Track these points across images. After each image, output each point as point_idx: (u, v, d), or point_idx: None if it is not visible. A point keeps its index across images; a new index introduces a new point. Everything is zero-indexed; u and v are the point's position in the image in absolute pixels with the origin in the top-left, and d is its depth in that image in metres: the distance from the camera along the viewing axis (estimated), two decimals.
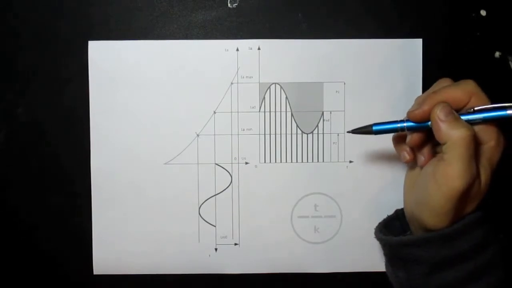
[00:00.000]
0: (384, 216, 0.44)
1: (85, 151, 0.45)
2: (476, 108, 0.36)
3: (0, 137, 0.45)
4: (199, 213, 0.45)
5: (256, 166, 0.45)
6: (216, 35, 0.45)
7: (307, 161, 0.45)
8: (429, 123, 0.36)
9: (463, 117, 0.36)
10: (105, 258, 0.45)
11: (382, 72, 0.45)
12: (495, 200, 0.38)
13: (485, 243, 0.36)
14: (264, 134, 0.45)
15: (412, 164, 0.40)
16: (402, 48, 0.45)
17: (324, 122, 0.45)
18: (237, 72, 0.45)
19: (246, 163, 0.45)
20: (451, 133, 0.35)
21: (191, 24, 0.45)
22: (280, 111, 0.45)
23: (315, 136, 0.45)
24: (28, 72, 0.44)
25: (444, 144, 0.35)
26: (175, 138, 0.45)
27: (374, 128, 0.39)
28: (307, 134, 0.45)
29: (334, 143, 0.45)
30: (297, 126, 0.45)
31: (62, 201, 0.45)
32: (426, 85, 0.45)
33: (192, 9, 0.45)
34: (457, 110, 0.36)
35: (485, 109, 0.35)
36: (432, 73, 0.45)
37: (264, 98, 0.45)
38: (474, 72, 0.45)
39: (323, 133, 0.45)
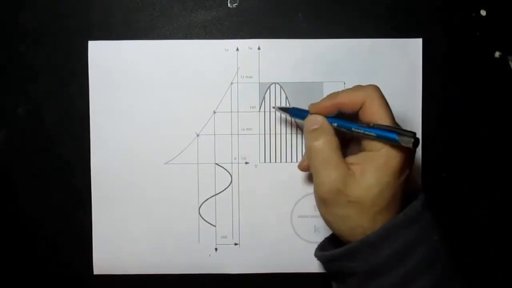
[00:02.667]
0: None
1: (85, 151, 0.45)
2: (372, 124, 0.36)
3: (0, 137, 0.45)
4: (199, 213, 0.45)
5: (256, 166, 0.45)
6: (216, 35, 0.45)
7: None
8: None
9: (361, 129, 0.37)
10: (105, 258, 0.45)
11: (382, 72, 0.45)
12: (430, 201, 0.37)
13: (411, 246, 0.35)
14: (264, 134, 0.45)
15: None
16: (402, 48, 0.45)
17: None
18: (237, 72, 0.45)
19: (246, 163, 0.45)
20: (306, 144, 0.39)
21: (191, 24, 0.45)
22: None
23: None
24: (28, 72, 0.45)
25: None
26: (175, 138, 0.45)
27: (292, 112, 0.42)
28: None
29: None
30: (297, 125, 0.45)
31: (62, 201, 0.45)
32: (426, 85, 0.45)
33: (192, 9, 0.45)
34: (354, 113, 0.38)
35: (380, 127, 0.36)
36: (432, 73, 0.45)
37: (264, 98, 0.45)
38: (474, 72, 0.45)
39: None
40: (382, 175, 0.36)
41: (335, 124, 0.38)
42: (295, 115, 0.42)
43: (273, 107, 0.44)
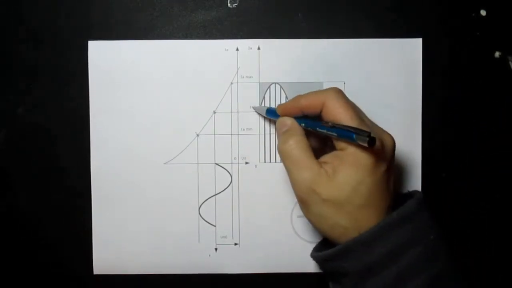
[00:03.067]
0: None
1: (85, 151, 0.45)
2: (332, 124, 0.37)
3: (0, 137, 0.45)
4: (199, 213, 0.45)
5: (256, 166, 0.45)
6: (216, 35, 0.45)
7: None
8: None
9: (323, 129, 0.37)
10: (105, 258, 0.45)
11: (382, 72, 0.45)
12: (430, 201, 0.37)
13: (405, 246, 0.35)
14: (264, 134, 0.45)
15: None
16: (402, 48, 0.45)
17: None
18: (237, 72, 0.45)
19: (246, 163, 0.45)
20: (278, 147, 0.39)
21: (191, 24, 0.45)
22: None
23: None
24: (28, 72, 0.45)
25: None
26: (175, 138, 0.45)
27: (267, 112, 0.43)
28: None
29: None
30: None
31: (62, 201, 0.45)
32: (426, 85, 0.45)
33: (192, 9, 0.45)
34: (317, 115, 0.39)
35: (339, 127, 0.36)
36: (432, 73, 0.45)
37: (264, 98, 0.45)
38: (474, 72, 0.45)
39: None
40: (353, 173, 0.36)
41: (303, 125, 0.40)
42: (270, 115, 0.43)
43: (251, 107, 0.44)
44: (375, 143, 0.34)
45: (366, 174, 0.36)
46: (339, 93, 0.38)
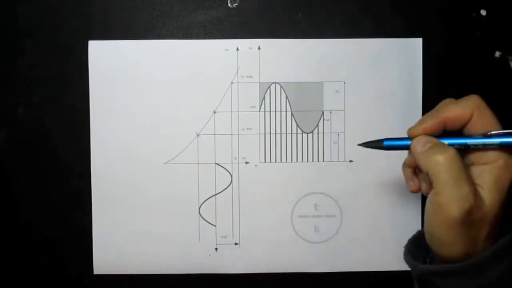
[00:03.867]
0: (382, 215, 0.44)
1: (85, 151, 0.45)
2: (492, 133, 0.34)
3: (0, 137, 0.45)
4: (199, 213, 0.45)
5: (256, 166, 0.45)
6: (216, 35, 0.45)
7: (307, 161, 0.45)
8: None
9: (479, 140, 0.34)
10: (105, 258, 0.45)
11: (382, 72, 0.45)
12: None
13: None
14: (264, 133, 0.45)
15: None
16: (402, 48, 0.45)
17: (324, 121, 0.45)
18: (237, 71, 0.45)
19: (246, 162, 0.45)
20: (428, 162, 0.34)
21: (191, 24, 0.45)
22: (280, 111, 0.45)
23: (315, 135, 0.45)
24: (28, 72, 0.45)
25: (427, 174, 0.34)
26: (175, 138, 0.45)
27: (385, 143, 0.37)
28: (307, 133, 0.45)
29: (334, 142, 0.45)
30: (297, 125, 0.45)
31: (62, 200, 0.45)
32: (426, 85, 0.45)
33: (192, 9, 0.45)
34: (462, 127, 0.35)
35: (502, 134, 0.34)
36: (432, 73, 0.45)
37: (264, 97, 0.45)
38: (474, 72, 0.45)
39: (323, 133, 0.45)
40: (503, 187, 0.33)
41: (446, 143, 0.35)
42: (389, 147, 0.37)
43: (358, 144, 0.38)
44: None
45: (503, 189, 0.33)
46: (483, 100, 0.35)
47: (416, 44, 0.45)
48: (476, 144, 0.34)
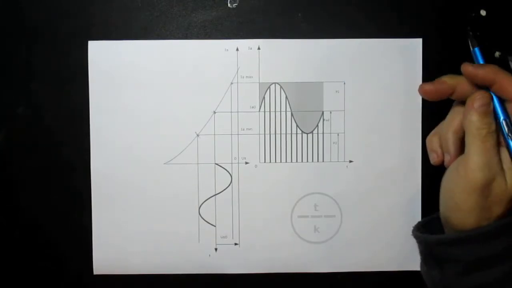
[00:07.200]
0: (382, 215, 0.44)
1: (85, 151, 0.45)
2: None
3: (0, 137, 0.45)
4: (199, 213, 0.45)
5: (256, 166, 0.45)
6: (216, 35, 0.45)
7: (307, 161, 0.45)
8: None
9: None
10: (105, 258, 0.45)
11: (382, 72, 0.45)
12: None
13: None
14: (264, 134, 0.45)
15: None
16: (402, 48, 0.45)
17: (324, 122, 0.45)
18: (237, 72, 0.45)
19: (246, 163, 0.45)
20: (471, 122, 0.35)
21: (191, 24, 0.45)
22: (280, 111, 0.45)
23: (315, 136, 0.45)
24: (28, 72, 0.45)
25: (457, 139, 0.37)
26: (175, 138, 0.45)
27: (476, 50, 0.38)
28: (307, 134, 0.45)
29: (334, 143, 0.45)
30: (297, 126, 0.45)
31: (62, 201, 0.45)
32: None
33: (192, 9, 0.45)
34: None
35: None
36: (432, 73, 0.45)
37: (264, 98, 0.45)
38: None
39: (323, 133, 0.45)
40: None
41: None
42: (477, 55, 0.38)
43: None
44: None
45: None
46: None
47: (416, 44, 0.45)
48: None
